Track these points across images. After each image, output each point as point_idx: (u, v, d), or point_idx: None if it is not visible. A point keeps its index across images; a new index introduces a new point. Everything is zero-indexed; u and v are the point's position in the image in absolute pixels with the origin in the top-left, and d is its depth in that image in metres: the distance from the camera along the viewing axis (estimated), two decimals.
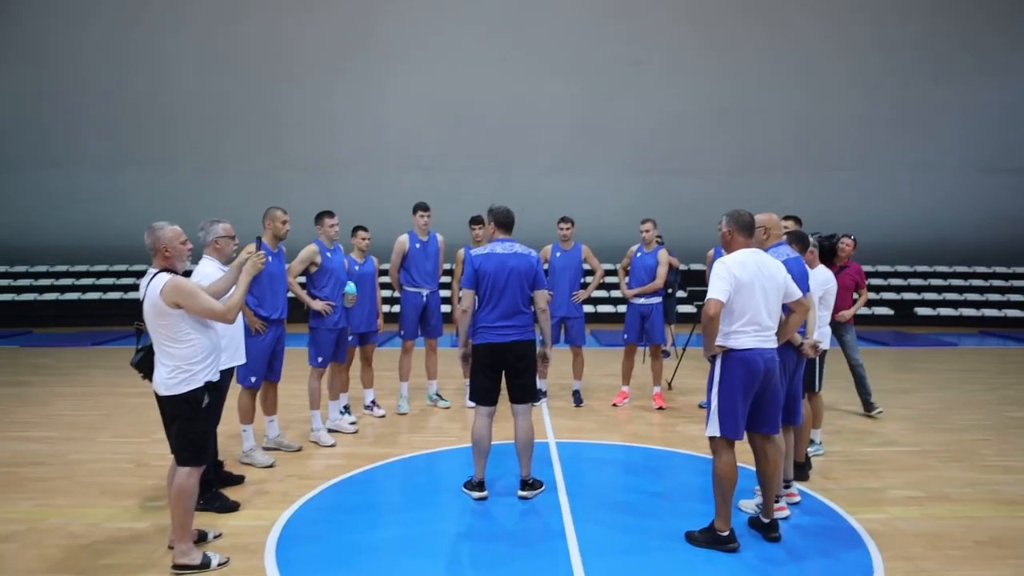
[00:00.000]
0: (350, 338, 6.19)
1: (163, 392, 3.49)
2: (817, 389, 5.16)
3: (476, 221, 6.82)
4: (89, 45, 14.60)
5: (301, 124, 15.43)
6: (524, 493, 4.58)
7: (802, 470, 4.95)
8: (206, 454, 3.70)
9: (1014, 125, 15.46)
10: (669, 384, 8.07)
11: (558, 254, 7.03)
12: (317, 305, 5.69)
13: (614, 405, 7.18)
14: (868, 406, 6.81)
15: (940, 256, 16.94)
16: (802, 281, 4.14)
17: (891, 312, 15.32)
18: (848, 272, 6.44)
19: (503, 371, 4.54)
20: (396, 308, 7.37)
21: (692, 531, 3.95)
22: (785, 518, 4.22)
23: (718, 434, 3.75)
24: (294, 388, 6.89)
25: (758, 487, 4.22)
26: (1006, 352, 12.09)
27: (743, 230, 3.88)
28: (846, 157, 15.78)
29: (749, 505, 4.35)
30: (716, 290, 3.68)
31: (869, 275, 16.16)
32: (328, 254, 5.80)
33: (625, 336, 7.14)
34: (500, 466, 5.17)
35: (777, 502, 4.10)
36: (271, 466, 5.16)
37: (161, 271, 3.49)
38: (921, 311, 15.42)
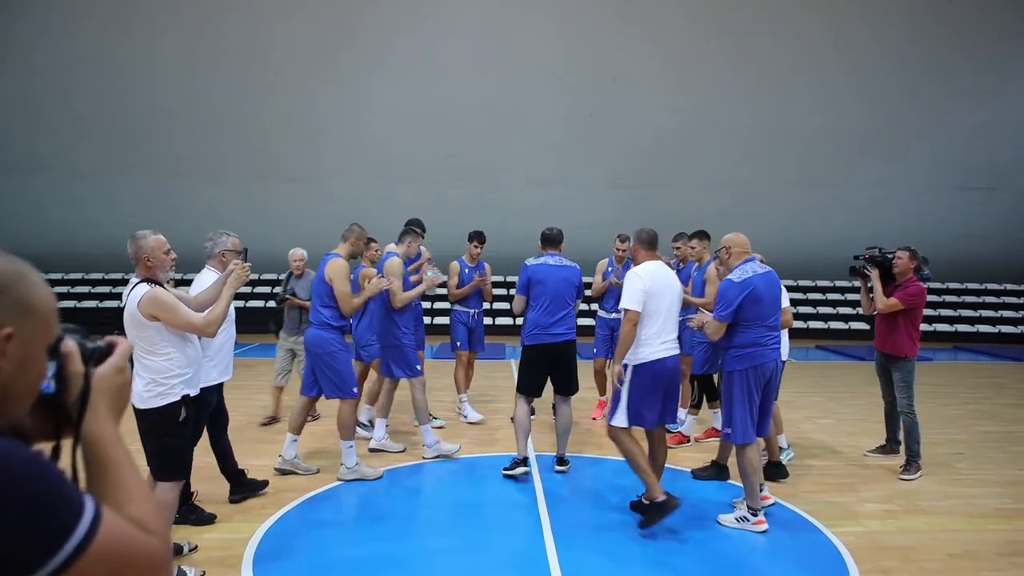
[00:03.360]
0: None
1: (139, 405, 3.40)
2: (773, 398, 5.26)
3: (475, 237, 6.93)
4: (74, 53, 14.42)
5: (287, 134, 15.35)
6: (560, 468, 5.36)
7: (778, 469, 5.23)
8: (184, 469, 3.63)
9: (984, 144, 15.79)
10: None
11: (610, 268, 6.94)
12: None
13: (593, 418, 7.20)
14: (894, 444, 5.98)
15: None
16: (778, 292, 4.47)
17: (867, 327, 15.49)
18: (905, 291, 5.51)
19: (552, 367, 5.17)
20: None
21: (640, 520, 4.28)
22: (771, 504, 4.59)
23: (625, 424, 4.33)
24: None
25: (737, 500, 4.35)
26: (979, 367, 12.29)
27: (646, 245, 4.50)
28: (821, 173, 15.99)
29: (728, 519, 4.41)
30: (632, 300, 4.25)
31: (844, 290, 16.38)
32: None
33: (595, 351, 7.07)
34: (482, 482, 5.18)
35: (758, 512, 4.35)
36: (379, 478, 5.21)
37: (142, 281, 3.41)
38: None
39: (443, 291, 6.98)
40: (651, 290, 4.26)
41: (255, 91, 14.93)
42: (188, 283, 3.62)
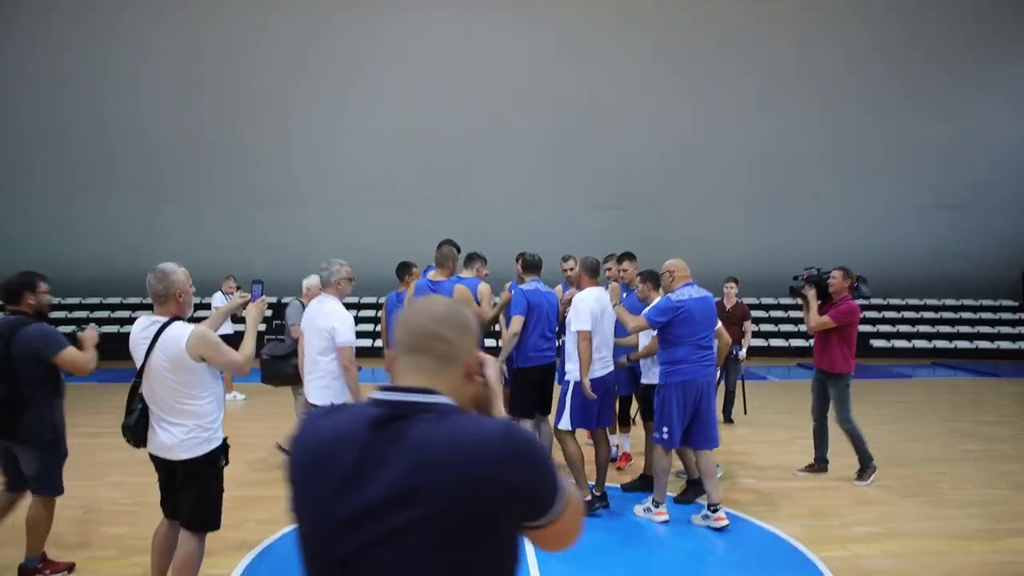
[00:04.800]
0: None
1: (182, 455, 3.16)
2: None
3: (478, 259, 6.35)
4: (55, 78, 14.36)
5: (264, 157, 15.35)
6: None
7: (699, 486, 5.26)
8: (220, 516, 3.38)
9: (956, 163, 16.12)
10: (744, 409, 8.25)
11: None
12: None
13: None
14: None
15: (893, 289, 17.46)
16: (712, 315, 4.96)
17: None
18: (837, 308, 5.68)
19: (543, 387, 5.40)
20: None
21: None
22: (724, 527, 4.71)
23: (571, 428, 5.01)
24: None
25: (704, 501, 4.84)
26: (956, 383, 12.44)
27: (589, 272, 5.11)
28: (800, 193, 16.23)
29: (638, 510, 5.03)
30: (582, 322, 4.88)
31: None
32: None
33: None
34: None
35: (716, 511, 4.76)
36: None
37: (174, 319, 3.17)
38: (876, 343, 15.81)
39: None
40: (594, 312, 4.92)
41: (235, 115, 14.93)
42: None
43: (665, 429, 4.80)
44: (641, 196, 16.06)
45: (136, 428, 3.24)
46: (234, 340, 9.07)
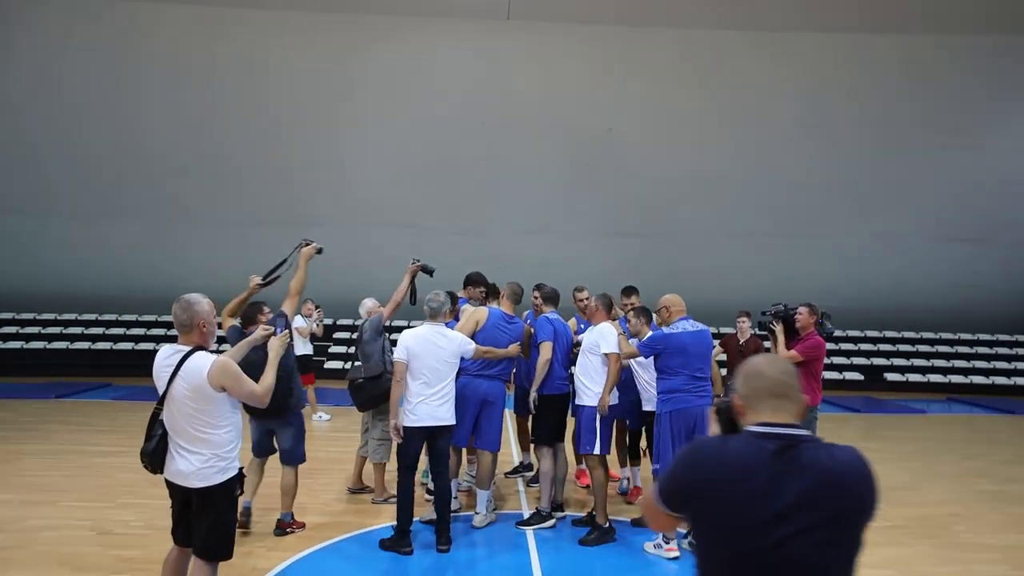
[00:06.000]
0: None
1: (197, 484, 3.20)
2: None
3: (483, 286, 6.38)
4: (72, 99, 14.61)
5: (277, 178, 15.47)
6: (559, 515, 5.65)
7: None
8: (233, 545, 3.40)
9: (973, 197, 16.05)
10: None
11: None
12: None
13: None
14: None
15: (907, 322, 17.33)
16: (707, 348, 5.17)
17: (861, 377, 15.54)
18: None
19: (562, 415, 5.63)
20: None
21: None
22: (675, 558, 4.83)
23: (604, 452, 5.26)
24: None
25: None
26: (972, 419, 12.29)
27: (606, 307, 5.44)
28: (816, 224, 16.19)
29: (649, 546, 4.98)
30: (613, 346, 5.17)
31: (840, 339, 16.42)
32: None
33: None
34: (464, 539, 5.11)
35: (669, 542, 4.88)
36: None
37: (195, 349, 3.24)
38: (890, 376, 15.67)
39: None
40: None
41: (251, 139, 15.08)
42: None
43: (659, 464, 4.95)
44: (657, 226, 16.08)
45: (155, 454, 3.29)
46: (306, 362, 9.22)
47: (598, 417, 5.21)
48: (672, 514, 1.84)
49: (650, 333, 5.36)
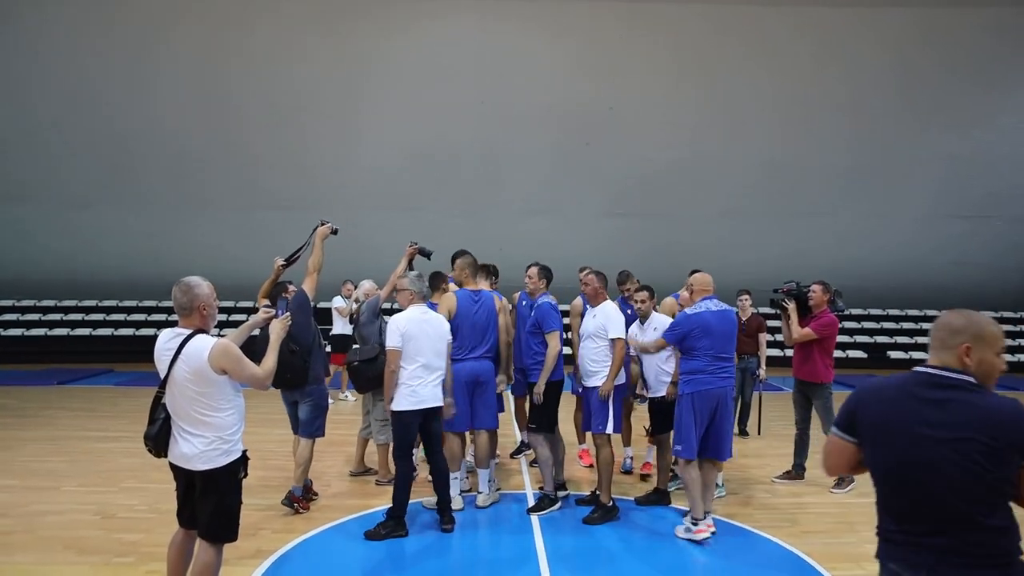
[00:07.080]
0: None
1: (201, 466, 3.21)
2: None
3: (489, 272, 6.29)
4: (68, 84, 14.50)
5: (279, 163, 15.39)
6: (562, 493, 5.64)
7: (661, 497, 5.62)
8: (238, 527, 3.41)
9: (976, 173, 15.93)
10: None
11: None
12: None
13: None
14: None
15: (910, 300, 17.29)
16: (732, 328, 5.06)
17: (864, 355, 15.54)
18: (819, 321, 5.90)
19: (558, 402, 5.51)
20: None
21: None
22: (707, 538, 4.76)
23: (614, 432, 5.24)
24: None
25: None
26: None
27: (606, 286, 5.39)
28: (818, 203, 16.09)
29: (680, 530, 4.89)
30: (620, 331, 5.13)
31: (843, 317, 16.34)
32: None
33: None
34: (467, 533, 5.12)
35: (699, 522, 4.79)
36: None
37: (197, 332, 3.24)
38: (894, 354, 15.67)
39: None
40: None
41: (251, 122, 14.99)
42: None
43: (680, 445, 4.86)
44: (658, 205, 15.99)
45: (158, 438, 3.28)
46: (343, 341, 9.22)
47: (610, 398, 5.15)
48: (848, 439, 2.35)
49: (654, 313, 5.46)
